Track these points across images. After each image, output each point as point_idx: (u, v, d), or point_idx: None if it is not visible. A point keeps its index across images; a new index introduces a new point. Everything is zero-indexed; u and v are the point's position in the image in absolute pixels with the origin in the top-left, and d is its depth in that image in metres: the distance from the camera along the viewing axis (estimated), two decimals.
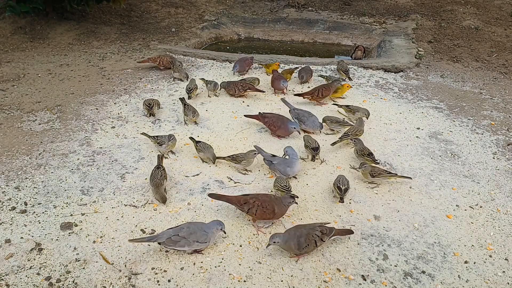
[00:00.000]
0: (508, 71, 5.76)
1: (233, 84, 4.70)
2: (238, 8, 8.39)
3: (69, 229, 2.82)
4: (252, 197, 2.84)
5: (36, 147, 3.73)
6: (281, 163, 3.31)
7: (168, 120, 4.25)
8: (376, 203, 3.14)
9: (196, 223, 2.67)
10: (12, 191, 3.16)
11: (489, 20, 7.50)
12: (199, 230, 2.58)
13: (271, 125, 3.93)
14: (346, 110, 4.29)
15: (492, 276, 2.56)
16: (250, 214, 2.82)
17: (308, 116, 4.03)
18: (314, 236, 2.59)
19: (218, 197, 2.94)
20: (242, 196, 2.91)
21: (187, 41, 6.68)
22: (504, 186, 3.40)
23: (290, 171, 3.28)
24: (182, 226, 2.62)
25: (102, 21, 7.18)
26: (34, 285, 2.42)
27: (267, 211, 2.78)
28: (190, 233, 2.55)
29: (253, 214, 2.81)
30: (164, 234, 2.58)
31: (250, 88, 4.68)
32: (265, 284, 2.46)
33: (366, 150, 3.52)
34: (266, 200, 2.81)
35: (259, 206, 2.77)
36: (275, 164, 3.32)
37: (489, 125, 4.31)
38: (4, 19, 6.58)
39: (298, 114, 4.08)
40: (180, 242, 2.54)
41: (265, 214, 2.79)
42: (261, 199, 2.81)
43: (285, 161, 3.33)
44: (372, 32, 7.37)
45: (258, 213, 2.78)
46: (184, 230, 2.57)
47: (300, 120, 4.02)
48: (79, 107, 4.47)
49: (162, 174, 3.13)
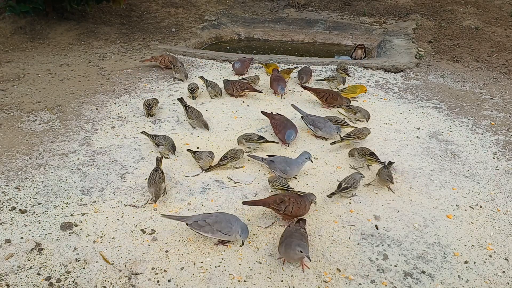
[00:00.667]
0: (508, 71, 5.76)
1: (232, 84, 4.71)
2: (238, 8, 8.39)
3: (69, 229, 2.82)
4: (286, 195, 2.88)
5: (36, 147, 3.73)
6: (282, 162, 3.32)
7: (168, 120, 4.25)
8: (376, 203, 3.14)
9: (227, 215, 2.73)
10: (12, 191, 3.17)
11: (489, 20, 7.50)
12: (225, 222, 2.63)
13: (275, 127, 3.94)
14: (346, 110, 4.29)
15: (492, 276, 2.56)
16: (286, 212, 2.83)
17: (324, 122, 3.92)
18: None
19: (253, 203, 2.94)
20: (275, 196, 2.94)
21: (187, 41, 6.68)
22: (504, 186, 3.40)
23: (289, 171, 3.29)
24: (212, 214, 2.72)
25: (102, 21, 7.18)
26: (34, 285, 2.42)
27: (301, 206, 2.84)
28: (216, 222, 2.63)
29: (289, 212, 2.82)
30: (194, 217, 2.70)
31: (247, 88, 4.68)
32: (265, 284, 2.46)
33: (367, 150, 3.52)
34: (298, 197, 2.88)
35: (295, 203, 2.82)
36: (275, 163, 3.32)
37: (489, 125, 4.31)
38: (4, 19, 6.58)
39: (313, 120, 3.95)
40: (205, 228, 2.63)
41: (300, 210, 2.84)
42: (294, 197, 2.87)
43: (285, 160, 3.34)
44: (372, 32, 7.37)
45: (294, 210, 2.82)
46: (212, 218, 2.66)
47: (316, 126, 3.91)
48: (79, 107, 4.47)
49: (160, 177, 3.11)
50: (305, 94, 4.86)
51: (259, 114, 4.23)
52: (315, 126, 3.93)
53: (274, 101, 4.69)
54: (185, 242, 2.74)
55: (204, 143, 3.87)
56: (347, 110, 4.28)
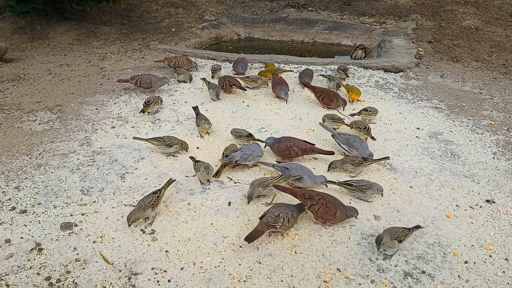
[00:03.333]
0: (508, 71, 5.76)
1: (223, 79, 4.78)
2: (238, 8, 8.39)
3: (69, 229, 2.82)
4: (318, 194, 2.86)
5: (36, 147, 3.73)
6: (298, 170, 3.21)
7: (168, 120, 4.25)
8: (376, 203, 3.14)
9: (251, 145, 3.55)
10: (12, 191, 3.16)
11: (489, 20, 7.50)
12: (257, 148, 3.50)
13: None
14: (365, 114, 4.24)
15: (492, 276, 2.56)
16: (311, 210, 2.83)
17: (360, 142, 3.63)
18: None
19: (283, 189, 2.99)
20: (308, 190, 2.92)
21: (187, 41, 6.68)
22: (504, 186, 3.40)
23: (305, 180, 3.19)
24: (241, 148, 3.47)
25: (102, 21, 7.18)
26: (34, 285, 2.42)
27: (329, 212, 2.78)
28: (253, 150, 3.43)
29: (314, 212, 2.82)
30: (236, 155, 3.38)
31: (235, 84, 4.71)
32: (265, 284, 2.46)
33: (362, 124, 3.50)
34: (331, 202, 2.82)
35: (323, 205, 2.79)
36: (290, 170, 3.21)
37: (489, 125, 4.32)
38: (4, 19, 6.58)
39: (348, 139, 3.65)
40: (248, 158, 3.37)
41: (326, 215, 2.80)
42: (327, 199, 2.83)
43: (303, 169, 3.23)
44: (372, 32, 7.37)
45: (319, 212, 2.79)
46: (246, 148, 3.46)
47: (352, 146, 3.60)
48: (79, 107, 4.47)
49: (153, 201, 2.85)
50: (305, 94, 4.87)
51: (259, 114, 4.23)
52: (349, 145, 3.61)
53: (274, 101, 4.69)
54: (185, 242, 2.74)
55: (204, 143, 3.87)
56: (366, 114, 4.22)
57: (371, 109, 4.25)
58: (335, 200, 2.86)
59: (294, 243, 2.74)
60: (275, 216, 2.68)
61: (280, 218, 2.66)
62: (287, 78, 5.23)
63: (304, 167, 3.29)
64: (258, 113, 4.36)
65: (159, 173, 3.41)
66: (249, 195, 3.06)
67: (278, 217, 2.67)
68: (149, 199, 2.86)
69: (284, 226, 2.68)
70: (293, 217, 2.74)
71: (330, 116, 4.10)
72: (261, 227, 2.68)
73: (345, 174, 3.44)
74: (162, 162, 3.55)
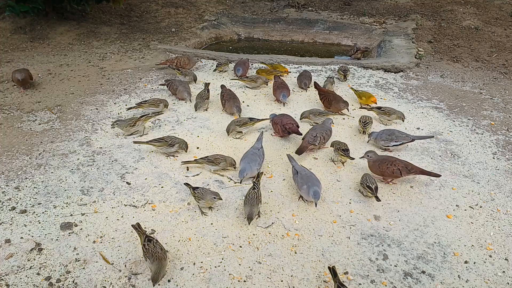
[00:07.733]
0: (508, 71, 5.76)
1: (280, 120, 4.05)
2: (238, 8, 8.39)
3: (69, 229, 2.82)
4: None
5: (36, 147, 3.73)
6: (304, 178, 3.09)
7: (168, 120, 4.25)
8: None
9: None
10: (12, 191, 3.16)
11: (489, 20, 7.50)
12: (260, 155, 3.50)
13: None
14: (378, 113, 4.24)
15: (492, 276, 2.56)
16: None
17: (396, 133, 3.76)
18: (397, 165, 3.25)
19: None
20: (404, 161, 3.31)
21: (187, 41, 6.68)
22: (504, 186, 3.40)
23: (302, 189, 3.08)
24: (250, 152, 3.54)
25: (102, 21, 7.18)
26: (34, 285, 2.42)
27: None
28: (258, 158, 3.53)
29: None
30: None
31: (292, 129, 3.90)
32: (265, 284, 2.46)
33: (342, 145, 3.53)
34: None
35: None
36: (298, 176, 3.13)
37: (489, 125, 4.32)
38: (4, 19, 6.58)
39: (382, 134, 3.77)
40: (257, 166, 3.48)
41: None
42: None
43: (311, 178, 3.10)
44: (372, 32, 7.37)
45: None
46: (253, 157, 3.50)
47: (387, 139, 3.75)
48: (79, 107, 4.47)
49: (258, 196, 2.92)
50: (305, 94, 4.87)
51: (259, 114, 4.23)
52: (385, 140, 3.74)
53: (274, 101, 4.69)
54: (185, 242, 2.74)
55: (204, 143, 3.87)
56: (379, 112, 4.23)
57: (387, 109, 4.21)
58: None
59: (294, 243, 2.74)
60: (313, 136, 3.58)
61: (317, 138, 3.58)
62: (287, 78, 5.24)
63: (315, 179, 3.09)
64: (258, 113, 4.36)
65: (159, 173, 3.41)
66: (249, 216, 2.82)
67: (316, 136, 3.58)
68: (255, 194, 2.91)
69: (321, 143, 3.60)
70: (328, 135, 3.67)
71: (317, 111, 4.17)
72: (305, 143, 3.58)
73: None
74: (162, 162, 3.56)
